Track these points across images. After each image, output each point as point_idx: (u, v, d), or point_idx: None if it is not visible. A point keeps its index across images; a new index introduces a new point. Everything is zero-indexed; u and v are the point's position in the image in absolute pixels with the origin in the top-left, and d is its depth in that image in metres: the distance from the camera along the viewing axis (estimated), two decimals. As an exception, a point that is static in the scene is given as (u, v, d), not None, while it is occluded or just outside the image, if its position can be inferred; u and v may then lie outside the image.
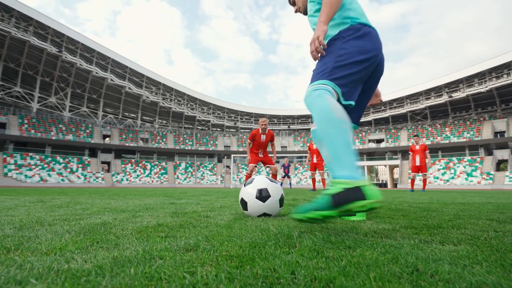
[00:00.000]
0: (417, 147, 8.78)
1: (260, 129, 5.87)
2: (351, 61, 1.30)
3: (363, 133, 44.58)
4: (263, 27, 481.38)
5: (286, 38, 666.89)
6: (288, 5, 1.84)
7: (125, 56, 37.42)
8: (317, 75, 1.33)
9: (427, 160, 8.72)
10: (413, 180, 8.90)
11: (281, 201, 1.89)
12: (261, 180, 1.90)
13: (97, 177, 32.52)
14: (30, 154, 31.08)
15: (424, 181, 8.72)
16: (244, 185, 1.95)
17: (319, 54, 1.32)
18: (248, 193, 1.86)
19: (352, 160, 1.13)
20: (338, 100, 1.29)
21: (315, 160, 8.78)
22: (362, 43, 1.34)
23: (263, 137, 5.84)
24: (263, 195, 1.82)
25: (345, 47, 1.32)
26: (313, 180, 9.05)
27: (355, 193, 1.05)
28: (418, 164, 8.70)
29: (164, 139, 43.33)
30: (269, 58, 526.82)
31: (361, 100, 1.51)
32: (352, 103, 1.33)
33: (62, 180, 29.31)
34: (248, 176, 6.09)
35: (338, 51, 1.33)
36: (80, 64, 33.73)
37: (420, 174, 8.72)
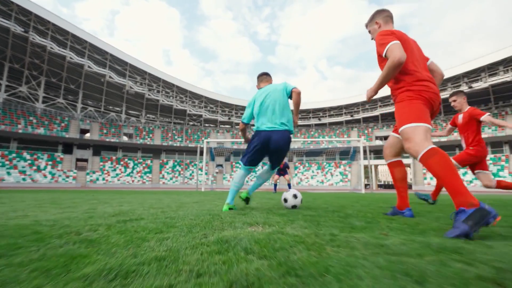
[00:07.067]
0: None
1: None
2: None
3: (369, 130, 40.68)
4: (262, 28, 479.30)
5: (285, 39, 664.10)
6: (287, 6, 0.82)
7: (104, 41, 33.39)
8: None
9: None
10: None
11: None
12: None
13: (67, 176, 28.39)
14: (-10, 149, 26.96)
15: None
16: None
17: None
18: None
19: None
20: None
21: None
22: None
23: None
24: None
25: None
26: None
27: None
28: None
29: (151, 135, 39.25)
30: (268, 59, 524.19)
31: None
32: None
33: (24, 179, 25.17)
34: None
35: None
36: (51, 48, 29.66)
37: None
